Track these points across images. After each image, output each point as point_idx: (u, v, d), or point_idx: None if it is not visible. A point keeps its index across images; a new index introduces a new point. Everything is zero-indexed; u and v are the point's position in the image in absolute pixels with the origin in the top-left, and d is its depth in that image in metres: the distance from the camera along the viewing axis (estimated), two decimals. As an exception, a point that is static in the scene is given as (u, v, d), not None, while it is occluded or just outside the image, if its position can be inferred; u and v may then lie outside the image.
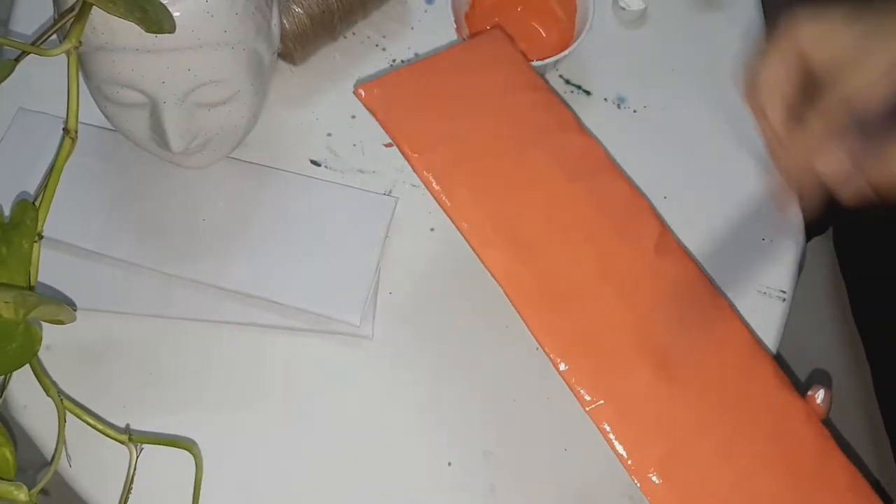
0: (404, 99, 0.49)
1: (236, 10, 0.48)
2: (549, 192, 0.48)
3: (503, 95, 0.51)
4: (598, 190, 0.49)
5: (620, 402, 0.43)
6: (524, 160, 0.48)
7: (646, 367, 0.44)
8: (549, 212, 0.47)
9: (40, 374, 0.48)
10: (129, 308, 0.54)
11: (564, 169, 0.49)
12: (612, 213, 0.48)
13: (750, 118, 0.63)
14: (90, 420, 0.48)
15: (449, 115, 0.49)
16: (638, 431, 0.43)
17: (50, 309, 0.46)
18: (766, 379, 0.46)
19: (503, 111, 0.50)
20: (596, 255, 0.47)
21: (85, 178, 0.57)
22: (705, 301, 0.48)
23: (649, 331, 0.45)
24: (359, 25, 0.65)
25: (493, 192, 0.47)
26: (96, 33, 0.46)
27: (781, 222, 0.59)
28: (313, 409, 0.52)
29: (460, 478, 0.51)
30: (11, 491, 0.42)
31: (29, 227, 0.47)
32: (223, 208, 0.57)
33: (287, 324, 0.54)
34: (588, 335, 0.45)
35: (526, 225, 0.47)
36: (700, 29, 0.67)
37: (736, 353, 0.46)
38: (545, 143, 0.49)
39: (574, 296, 0.46)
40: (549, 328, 0.45)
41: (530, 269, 0.46)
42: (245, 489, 0.50)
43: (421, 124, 0.48)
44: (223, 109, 0.52)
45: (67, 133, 0.48)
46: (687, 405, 0.44)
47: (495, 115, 0.50)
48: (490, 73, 0.52)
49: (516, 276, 0.45)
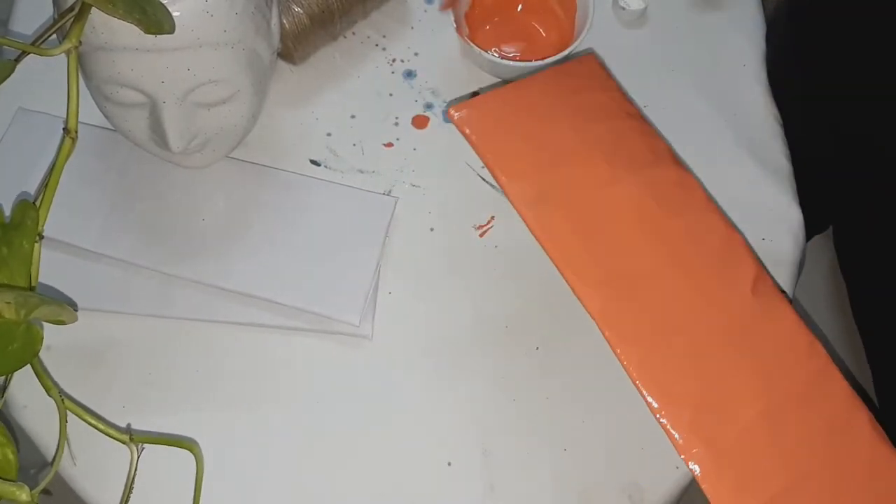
0: (497, 122, 0.48)
1: (236, 9, 0.48)
2: (645, 227, 0.46)
3: (597, 122, 0.49)
4: (695, 226, 0.47)
5: (717, 449, 0.42)
6: (618, 191, 0.47)
7: (745, 413, 0.43)
8: (646, 247, 0.46)
9: (41, 374, 0.48)
10: (130, 308, 0.54)
11: (661, 203, 0.47)
12: (709, 251, 0.47)
13: (749, 119, 0.63)
14: (91, 420, 0.48)
15: (542, 141, 0.48)
16: (733, 480, 0.41)
17: (51, 309, 0.46)
18: (864, 431, 0.44)
19: (597, 138, 0.49)
20: (694, 295, 0.45)
21: (85, 178, 0.57)
22: (803, 347, 0.46)
23: (749, 376, 0.44)
24: (359, 25, 0.65)
25: (586, 223, 0.46)
26: (96, 33, 0.46)
27: (781, 222, 0.59)
28: (313, 409, 0.52)
29: (460, 477, 0.51)
30: (13, 491, 0.42)
31: (29, 228, 0.47)
32: (223, 208, 0.57)
33: (287, 324, 0.54)
34: (686, 377, 0.43)
35: (623, 260, 0.45)
36: (700, 29, 0.67)
37: (834, 403, 0.45)
38: (640, 175, 0.48)
39: (672, 336, 0.44)
40: (646, 368, 0.43)
41: (628, 307, 0.44)
42: (245, 488, 0.50)
43: (513, 147, 0.47)
44: (223, 109, 0.52)
45: (67, 133, 0.48)
46: (786, 455, 0.43)
47: (589, 142, 0.48)
48: (584, 98, 0.50)
49: (615, 314, 0.44)
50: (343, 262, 0.55)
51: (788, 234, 0.58)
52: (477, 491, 0.50)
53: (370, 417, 0.52)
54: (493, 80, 0.63)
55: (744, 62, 0.65)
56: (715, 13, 0.67)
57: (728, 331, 0.45)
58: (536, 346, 0.54)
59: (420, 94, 0.63)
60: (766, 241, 0.58)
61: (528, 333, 0.54)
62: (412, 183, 0.59)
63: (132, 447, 0.48)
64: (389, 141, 0.61)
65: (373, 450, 0.51)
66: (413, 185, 0.59)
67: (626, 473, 0.51)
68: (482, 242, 0.57)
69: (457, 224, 0.58)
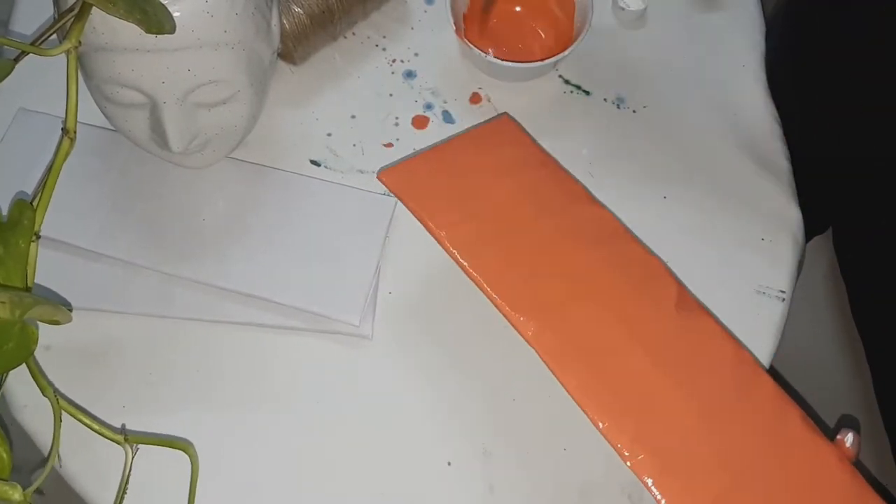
0: (424, 181, 0.53)
1: (236, 10, 0.48)
2: (569, 260, 0.50)
3: (516, 174, 0.54)
4: (615, 255, 0.51)
5: (661, 456, 0.45)
6: (542, 231, 0.51)
7: (683, 420, 0.46)
8: (571, 278, 0.50)
9: (37, 374, 0.48)
10: (129, 308, 0.54)
11: (581, 237, 0.51)
12: (631, 276, 0.51)
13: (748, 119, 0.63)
14: (86, 420, 0.48)
15: (468, 195, 0.52)
16: (680, 484, 0.44)
17: (46, 309, 0.46)
18: (796, 426, 0.47)
19: (517, 188, 0.53)
20: (622, 317, 0.49)
21: (84, 178, 0.57)
22: (729, 354, 0.49)
23: (683, 385, 0.47)
24: (359, 25, 0.65)
25: (516, 262, 0.50)
26: (96, 33, 0.46)
27: (781, 223, 0.59)
28: (312, 410, 0.52)
29: (460, 477, 0.51)
30: (6, 491, 0.42)
31: (26, 227, 0.47)
32: (223, 208, 0.57)
33: (286, 323, 0.54)
34: (623, 393, 0.46)
35: (551, 292, 0.49)
36: (700, 29, 0.67)
37: (764, 402, 0.48)
38: (560, 215, 0.52)
39: (605, 357, 0.48)
40: (585, 388, 0.46)
41: (560, 334, 0.48)
42: (245, 489, 0.50)
43: (442, 204, 0.51)
44: (223, 109, 0.52)
45: (66, 133, 0.48)
46: (725, 457, 0.45)
47: (510, 192, 0.53)
48: (501, 154, 0.55)
49: (548, 340, 0.48)
50: (343, 262, 0.55)
51: (788, 235, 0.58)
52: (477, 491, 0.50)
53: (369, 418, 0.52)
54: (493, 81, 0.63)
55: (744, 62, 0.65)
56: (715, 13, 0.67)
57: (658, 346, 0.48)
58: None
59: (420, 95, 0.63)
60: (765, 242, 0.58)
61: (527, 333, 0.54)
62: (412, 183, 0.59)
63: (127, 447, 0.48)
64: (389, 141, 0.61)
65: (372, 450, 0.51)
66: (413, 186, 0.59)
67: (625, 473, 0.51)
68: (482, 242, 0.57)
69: (456, 224, 0.58)
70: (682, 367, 0.48)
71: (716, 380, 0.48)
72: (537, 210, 0.52)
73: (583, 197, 0.54)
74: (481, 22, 0.64)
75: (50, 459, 0.47)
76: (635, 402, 0.46)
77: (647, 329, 0.49)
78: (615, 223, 0.53)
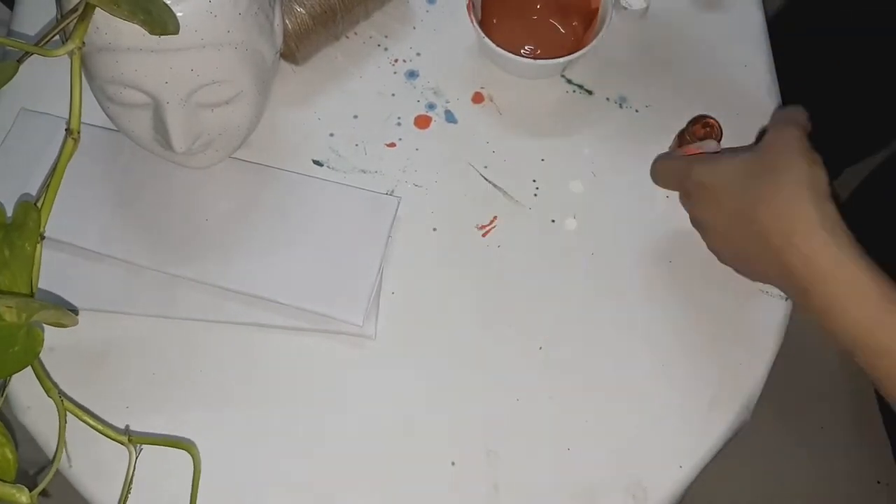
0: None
1: (239, 10, 0.48)
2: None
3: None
4: None
5: None
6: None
7: None
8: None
9: (42, 375, 0.48)
10: (132, 309, 0.54)
11: None
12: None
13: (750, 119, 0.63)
14: (90, 421, 0.48)
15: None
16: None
17: (52, 313, 0.46)
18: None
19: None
20: None
21: (88, 179, 0.57)
22: None
23: None
24: (361, 25, 0.65)
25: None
26: (99, 33, 0.46)
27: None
28: (315, 410, 0.52)
29: (463, 477, 0.51)
30: (13, 493, 0.42)
31: (31, 229, 0.47)
32: (226, 209, 0.57)
33: (289, 323, 0.54)
34: None
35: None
36: (701, 29, 0.67)
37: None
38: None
39: None
40: None
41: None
42: (247, 489, 0.50)
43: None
44: (226, 110, 0.52)
45: (70, 133, 0.48)
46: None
47: None
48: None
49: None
50: (346, 263, 0.55)
51: (790, 234, 0.58)
52: (481, 491, 0.50)
53: (373, 418, 0.52)
54: (495, 80, 0.63)
55: (744, 62, 0.65)
56: (715, 13, 0.67)
57: None
58: (540, 346, 0.54)
59: (422, 95, 0.63)
60: (768, 241, 0.58)
61: (531, 333, 0.54)
62: (415, 183, 0.59)
63: (131, 448, 0.48)
64: (392, 141, 0.61)
65: (376, 450, 0.51)
66: (416, 185, 0.59)
67: (629, 473, 0.51)
68: (485, 242, 0.57)
69: (459, 224, 0.58)
70: None
71: None
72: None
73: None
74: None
75: (55, 460, 0.47)
76: None
77: None
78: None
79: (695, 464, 0.51)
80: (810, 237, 0.44)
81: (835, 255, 0.43)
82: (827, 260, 0.44)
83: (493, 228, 0.58)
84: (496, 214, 0.58)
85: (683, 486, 0.51)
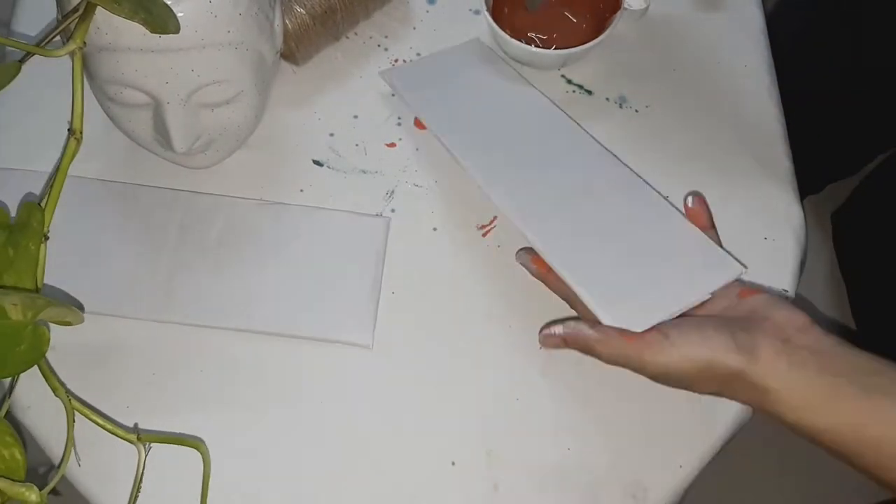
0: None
1: (240, 10, 0.48)
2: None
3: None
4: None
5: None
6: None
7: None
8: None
9: (48, 374, 0.48)
10: (135, 313, 0.53)
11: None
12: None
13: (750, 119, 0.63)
14: (99, 420, 0.48)
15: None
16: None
17: (58, 311, 0.46)
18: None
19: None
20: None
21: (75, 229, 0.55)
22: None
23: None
24: (361, 26, 0.65)
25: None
26: (100, 33, 0.46)
27: (783, 222, 0.59)
28: (317, 409, 0.52)
29: (464, 477, 0.51)
30: (23, 492, 0.42)
31: (35, 229, 0.47)
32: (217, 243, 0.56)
33: (290, 332, 0.54)
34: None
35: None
36: (701, 29, 0.67)
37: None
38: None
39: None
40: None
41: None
42: (250, 489, 0.50)
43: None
44: (226, 109, 0.52)
45: (72, 134, 0.48)
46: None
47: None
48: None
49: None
50: (345, 287, 0.54)
51: (790, 234, 0.59)
52: (481, 491, 0.50)
53: (374, 417, 0.52)
54: (496, 80, 0.63)
55: (745, 62, 0.65)
56: (715, 13, 0.68)
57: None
58: (540, 346, 0.54)
59: (422, 95, 0.63)
60: (767, 241, 0.58)
61: (531, 333, 0.54)
62: (415, 183, 0.59)
63: (140, 446, 0.48)
64: (392, 141, 0.61)
65: (377, 450, 0.51)
66: (416, 185, 0.59)
67: (629, 473, 0.51)
68: (485, 242, 0.58)
69: (459, 224, 0.58)
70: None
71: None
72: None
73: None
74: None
75: (65, 459, 0.47)
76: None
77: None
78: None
79: (695, 464, 0.51)
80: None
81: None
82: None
83: (493, 228, 0.58)
84: (496, 214, 0.58)
85: (683, 486, 0.51)
